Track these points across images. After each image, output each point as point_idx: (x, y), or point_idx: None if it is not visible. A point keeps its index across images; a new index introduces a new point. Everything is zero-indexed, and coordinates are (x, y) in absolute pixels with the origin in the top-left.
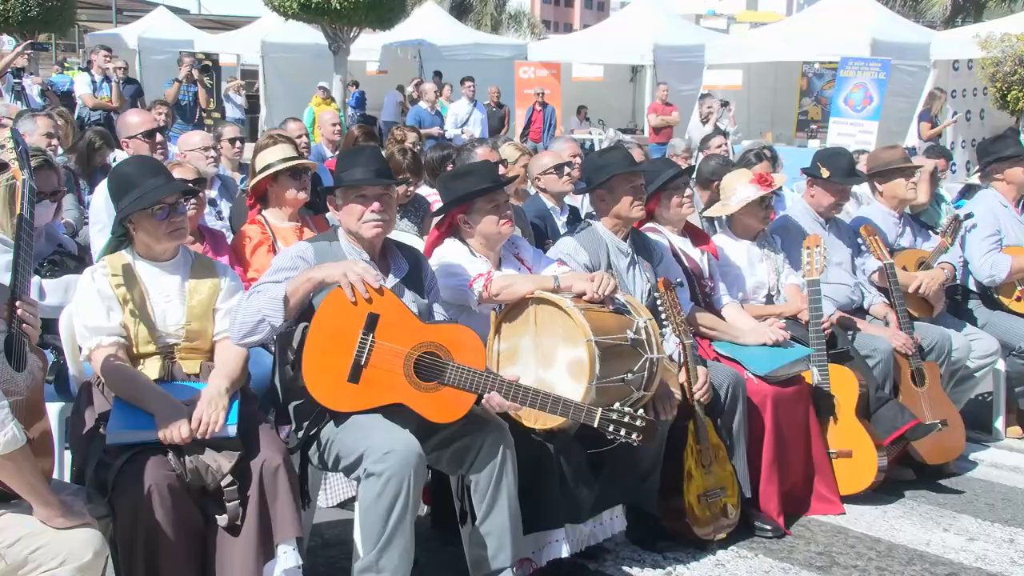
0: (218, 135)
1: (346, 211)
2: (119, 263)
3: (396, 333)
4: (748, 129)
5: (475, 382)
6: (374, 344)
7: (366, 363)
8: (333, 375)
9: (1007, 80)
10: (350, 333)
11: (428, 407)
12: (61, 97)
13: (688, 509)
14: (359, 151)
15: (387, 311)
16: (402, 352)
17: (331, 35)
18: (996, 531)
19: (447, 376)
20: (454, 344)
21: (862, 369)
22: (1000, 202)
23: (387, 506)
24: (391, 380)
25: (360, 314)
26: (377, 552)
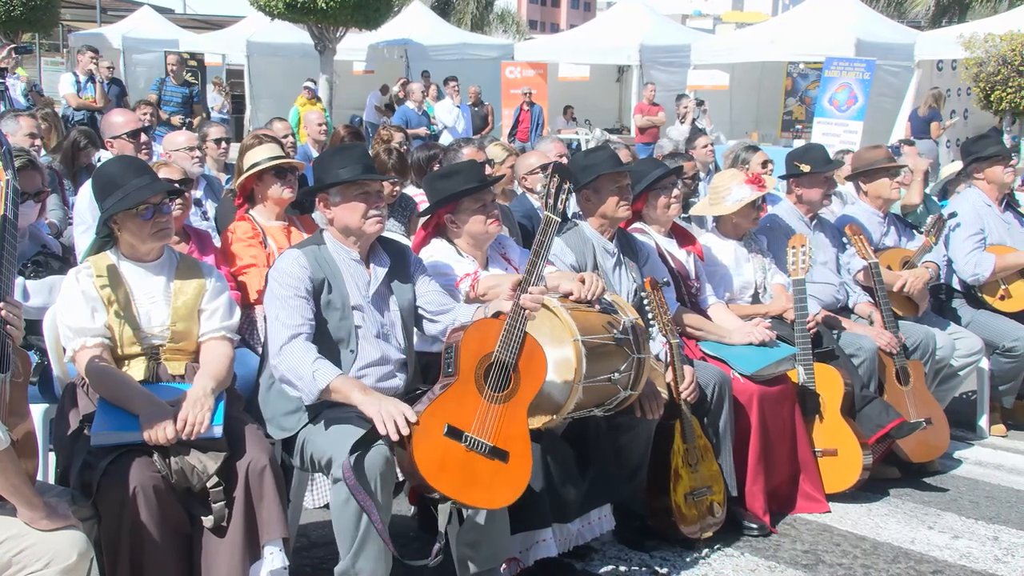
0: (203, 135)
1: (346, 208)
2: (103, 264)
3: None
4: (733, 129)
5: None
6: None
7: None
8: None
9: (990, 80)
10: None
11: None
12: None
13: (675, 508)
14: (348, 148)
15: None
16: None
17: (317, 35)
18: (980, 529)
19: (505, 356)
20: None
21: (847, 368)
22: (983, 201)
23: (356, 511)
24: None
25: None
26: (352, 556)
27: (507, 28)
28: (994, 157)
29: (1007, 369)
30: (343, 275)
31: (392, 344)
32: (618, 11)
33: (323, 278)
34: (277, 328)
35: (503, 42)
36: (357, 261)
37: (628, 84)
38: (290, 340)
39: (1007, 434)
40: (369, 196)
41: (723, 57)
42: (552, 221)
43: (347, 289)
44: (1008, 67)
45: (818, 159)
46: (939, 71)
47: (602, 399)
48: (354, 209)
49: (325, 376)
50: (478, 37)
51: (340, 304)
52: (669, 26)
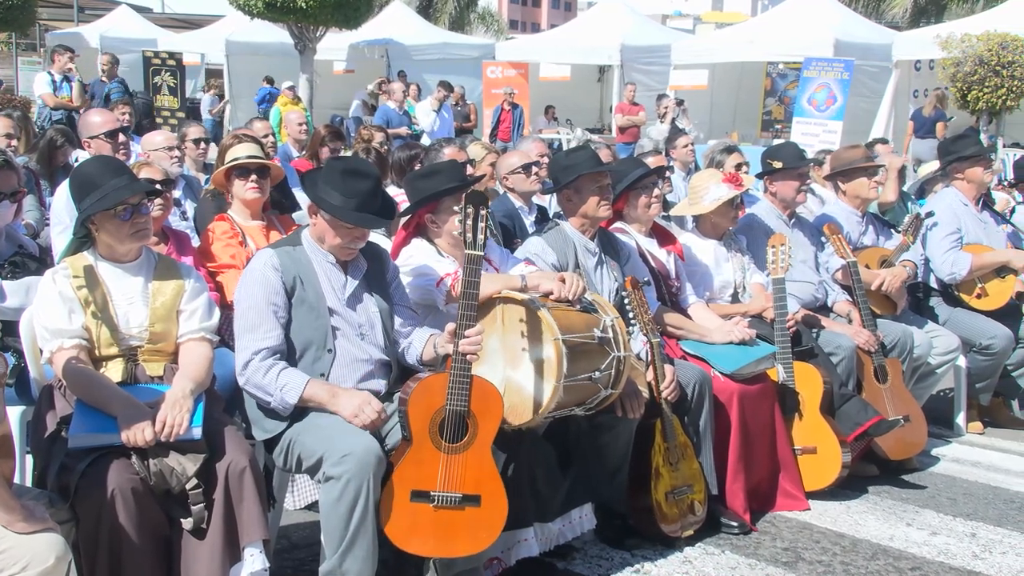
0: (182, 135)
1: (327, 230)
2: (81, 264)
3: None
4: (713, 129)
5: (461, 378)
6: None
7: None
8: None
9: (967, 80)
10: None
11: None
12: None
13: (656, 507)
14: (362, 177)
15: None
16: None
17: (297, 34)
18: (958, 525)
19: (457, 406)
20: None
21: (826, 366)
22: (960, 201)
23: (347, 509)
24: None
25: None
26: (340, 556)
27: (488, 28)
28: (974, 157)
29: (984, 367)
30: (318, 276)
31: (372, 344)
32: (599, 11)
33: (295, 276)
34: (243, 341)
35: (484, 42)
36: (333, 264)
37: (609, 84)
38: (253, 356)
39: (984, 431)
40: (352, 232)
41: (703, 57)
42: (476, 258)
43: (322, 289)
44: (985, 67)
45: (790, 155)
46: (917, 71)
47: (583, 398)
48: (333, 235)
49: (294, 391)
50: (459, 37)
51: (315, 303)
52: (649, 26)
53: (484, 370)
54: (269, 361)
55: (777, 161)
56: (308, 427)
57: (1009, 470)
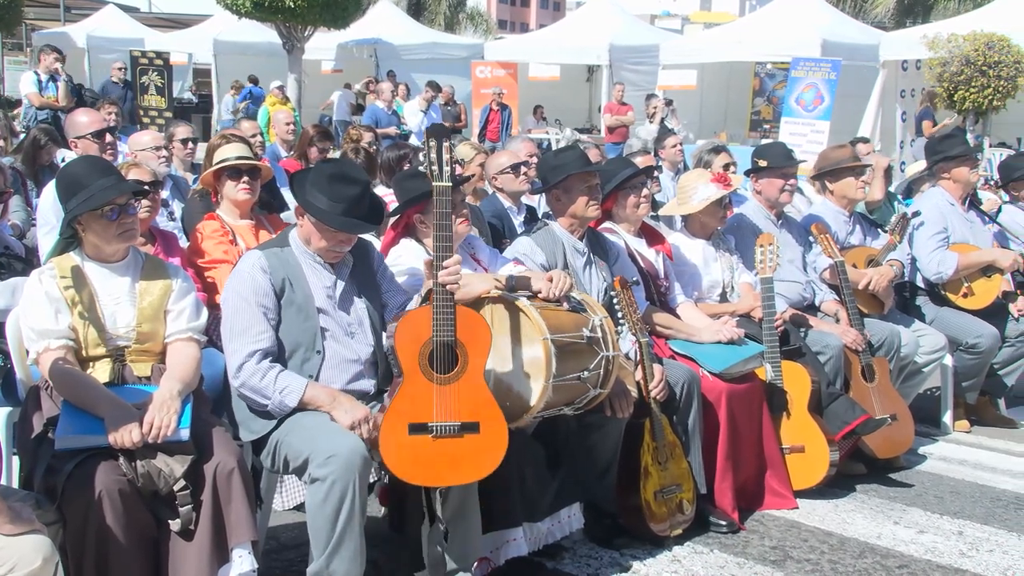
0: (170, 135)
1: (313, 233)
2: (67, 265)
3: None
4: (702, 129)
5: (443, 309)
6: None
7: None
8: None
9: (954, 80)
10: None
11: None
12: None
13: (645, 506)
14: (350, 183)
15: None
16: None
17: (285, 34)
18: (945, 523)
19: (443, 337)
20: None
21: (814, 365)
22: (947, 200)
23: (333, 510)
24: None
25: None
26: (327, 557)
27: (477, 28)
28: (960, 157)
29: (970, 366)
30: (306, 277)
31: (360, 343)
32: (587, 11)
33: (284, 278)
34: (234, 344)
35: (473, 42)
36: (320, 264)
37: (598, 84)
38: (247, 359)
39: (971, 430)
40: (338, 236)
41: (691, 57)
42: (444, 189)
43: (310, 290)
44: (971, 67)
45: (777, 155)
46: (904, 71)
47: (572, 398)
48: (319, 237)
49: (294, 395)
50: (448, 37)
51: (304, 304)
52: (638, 26)
53: None
54: (265, 364)
55: (763, 160)
56: (294, 428)
57: (996, 468)
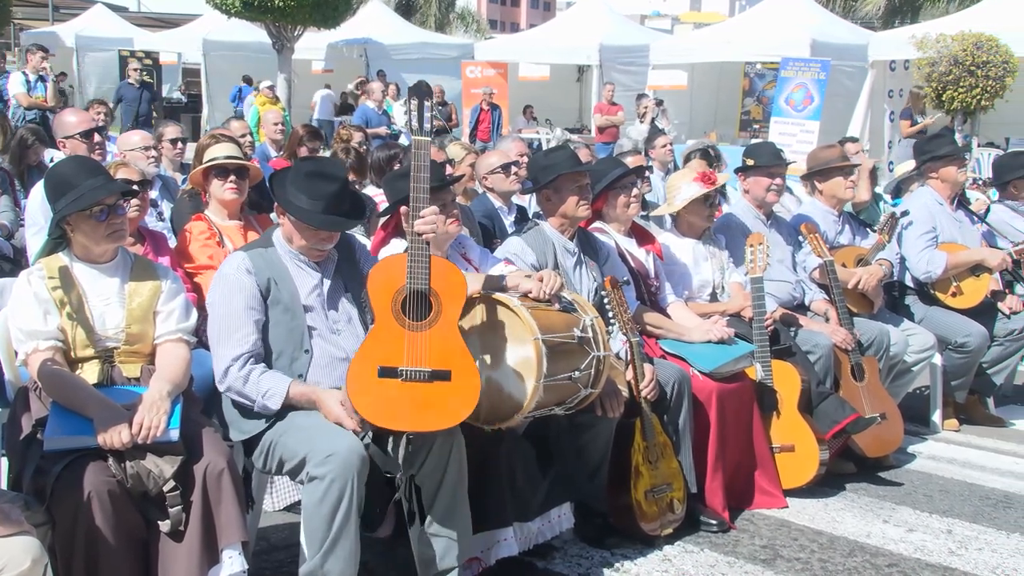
0: (159, 135)
1: (294, 232)
2: (56, 265)
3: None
4: (692, 128)
5: (419, 257)
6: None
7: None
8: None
9: (942, 80)
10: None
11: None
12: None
13: (635, 505)
14: (328, 179)
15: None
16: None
17: (275, 33)
18: (934, 522)
19: (417, 285)
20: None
21: (804, 365)
22: (936, 200)
23: (330, 510)
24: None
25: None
26: (322, 556)
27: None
28: (948, 157)
29: (959, 365)
30: (292, 276)
31: (348, 339)
32: (577, 11)
33: (269, 278)
34: (220, 349)
35: (463, 42)
36: (305, 262)
37: (588, 84)
38: (232, 363)
39: (960, 428)
40: (318, 234)
41: (681, 57)
42: (422, 143)
43: (296, 289)
44: (959, 67)
45: (765, 154)
46: (892, 71)
47: (563, 398)
48: (301, 238)
49: (276, 397)
50: (438, 37)
51: (290, 304)
52: (628, 26)
53: None
54: (248, 367)
55: (751, 159)
56: (289, 428)
57: (984, 467)
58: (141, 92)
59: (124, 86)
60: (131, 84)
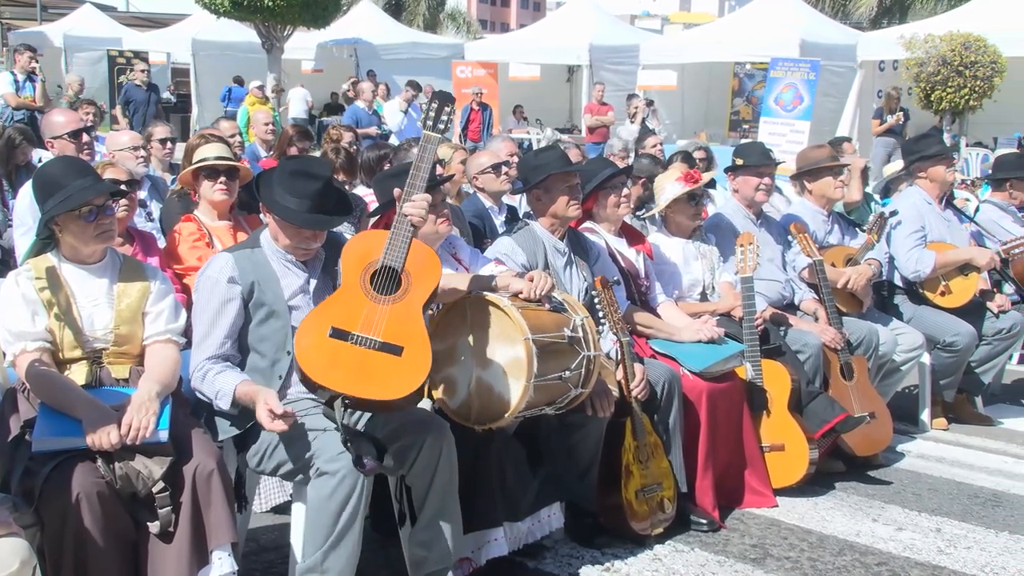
0: (148, 135)
1: (280, 231)
2: (44, 266)
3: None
4: (683, 128)
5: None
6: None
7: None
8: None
9: (930, 80)
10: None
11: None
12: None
13: (626, 505)
14: (311, 178)
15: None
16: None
17: (264, 33)
18: (923, 521)
19: (392, 261)
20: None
21: (793, 364)
22: (924, 199)
23: (339, 505)
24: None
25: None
26: (323, 553)
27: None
28: (937, 156)
29: (948, 364)
30: (278, 277)
31: None
32: (567, 11)
33: (252, 281)
34: (195, 351)
35: (453, 41)
36: (293, 263)
37: (578, 84)
38: (202, 363)
39: (948, 427)
40: (302, 232)
41: (671, 57)
42: (432, 138)
43: (282, 291)
44: (948, 67)
45: (754, 153)
46: (881, 71)
47: (553, 397)
48: (286, 237)
49: (226, 398)
50: (428, 36)
51: (274, 306)
52: (618, 26)
53: (454, 370)
54: (207, 366)
55: (740, 158)
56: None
57: (973, 465)
58: (149, 94)
59: (131, 88)
60: (138, 86)
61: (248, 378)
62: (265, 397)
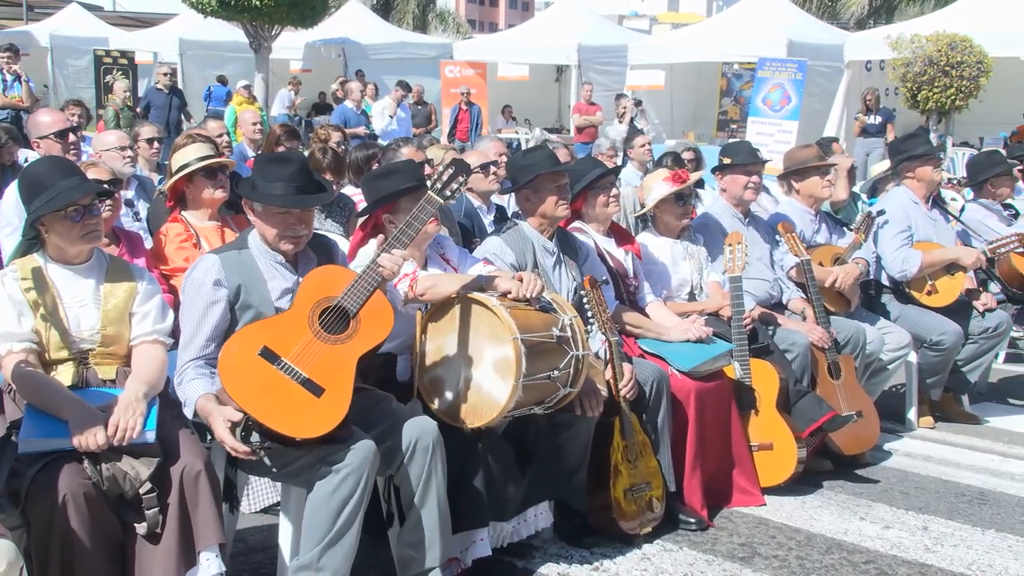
0: (135, 135)
1: (265, 223)
2: (30, 267)
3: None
4: (671, 128)
5: (366, 283)
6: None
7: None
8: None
9: (917, 80)
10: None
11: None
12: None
13: (615, 504)
14: (285, 161)
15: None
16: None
17: (252, 33)
18: (910, 519)
19: (348, 303)
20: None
21: (781, 363)
22: (911, 199)
23: (340, 503)
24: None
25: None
26: (320, 550)
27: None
28: (924, 156)
29: (934, 362)
30: (265, 279)
31: None
32: (556, 11)
33: (239, 284)
34: (181, 349)
35: (442, 41)
36: (282, 264)
37: (567, 84)
38: (184, 366)
39: (935, 426)
40: (287, 218)
41: (659, 57)
42: (432, 200)
43: (269, 294)
44: (934, 67)
45: (741, 152)
46: (868, 71)
47: (542, 397)
48: (270, 227)
49: (190, 408)
50: (417, 36)
51: (261, 309)
52: (606, 26)
53: (443, 370)
54: (186, 369)
55: (728, 157)
56: None
57: (960, 464)
58: (170, 98)
59: (152, 92)
60: (160, 90)
61: (211, 392)
62: (225, 414)
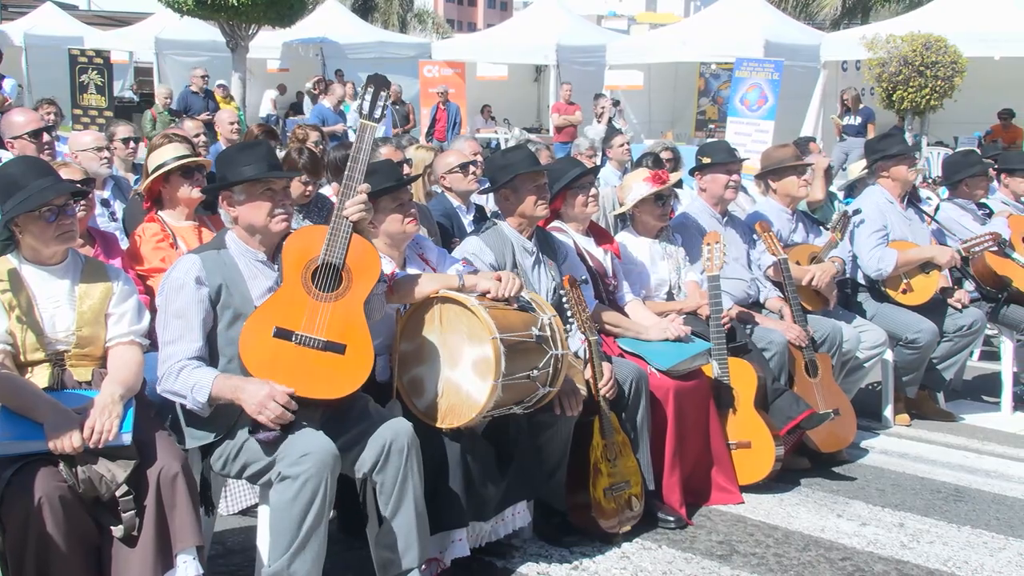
0: (111, 135)
1: (251, 207)
2: (4, 268)
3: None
4: (649, 128)
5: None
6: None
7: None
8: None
9: (892, 80)
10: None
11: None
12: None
13: (594, 503)
14: (253, 145)
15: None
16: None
17: (229, 32)
18: (886, 516)
19: (332, 258)
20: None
21: (759, 362)
22: (886, 199)
23: (302, 509)
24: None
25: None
26: (289, 556)
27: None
28: (899, 156)
29: (910, 360)
30: (245, 278)
31: None
32: (534, 11)
33: (220, 284)
34: (163, 352)
35: (421, 41)
36: (263, 262)
37: (546, 83)
38: (179, 361)
39: (911, 423)
40: (275, 194)
41: (638, 57)
42: (368, 127)
43: (250, 292)
44: (909, 67)
45: (720, 151)
46: (844, 71)
47: (522, 396)
48: (259, 208)
49: (203, 390)
50: (395, 36)
51: (243, 309)
52: (585, 26)
53: (422, 370)
54: (177, 366)
55: (706, 157)
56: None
57: (935, 461)
58: (207, 102)
59: (188, 95)
60: (195, 93)
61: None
62: (271, 392)
